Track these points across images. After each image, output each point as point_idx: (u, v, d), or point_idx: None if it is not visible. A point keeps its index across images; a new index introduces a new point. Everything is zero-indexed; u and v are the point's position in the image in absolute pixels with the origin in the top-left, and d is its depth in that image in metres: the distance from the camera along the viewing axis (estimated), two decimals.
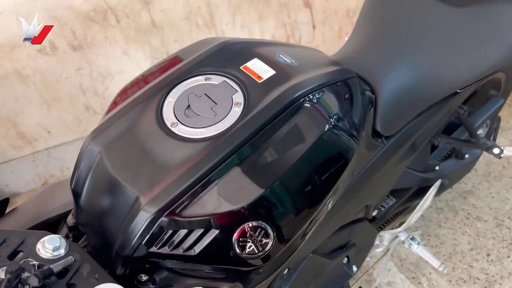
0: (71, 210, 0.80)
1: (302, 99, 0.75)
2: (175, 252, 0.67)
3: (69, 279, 0.64)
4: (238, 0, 2.00)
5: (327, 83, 0.79)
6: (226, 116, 0.73)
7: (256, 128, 0.71)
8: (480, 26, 1.01)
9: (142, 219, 0.65)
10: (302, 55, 0.88)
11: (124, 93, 0.85)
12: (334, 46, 2.06)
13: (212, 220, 0.67)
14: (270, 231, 0.69)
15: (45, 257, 0.66)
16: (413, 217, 1.29)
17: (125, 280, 0.70)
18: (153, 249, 0.67)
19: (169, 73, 0.82)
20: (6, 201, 0.92)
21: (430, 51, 1.00)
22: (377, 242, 1.28)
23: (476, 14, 1.01)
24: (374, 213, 1.17)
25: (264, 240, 0.69)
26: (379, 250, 1.32)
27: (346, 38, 1.16)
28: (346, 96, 0.83)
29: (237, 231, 0.67)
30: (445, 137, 1.22)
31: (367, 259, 1.32)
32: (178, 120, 0.73)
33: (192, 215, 0.66)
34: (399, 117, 1.00)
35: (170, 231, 0.66)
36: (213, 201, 0.67)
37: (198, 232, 0.67)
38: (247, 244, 0.68)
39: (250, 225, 0.68)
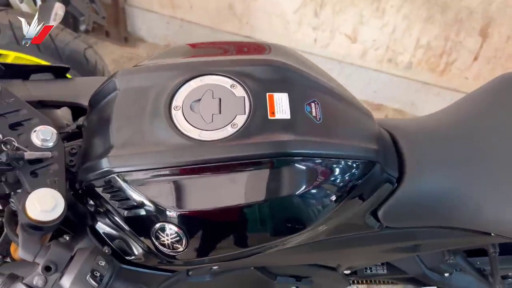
0: None
1: (291, 157, 0.74)
2: (112, 202, 0.77)
3: (35, 169, 0.77)
4: None
5: (327, 155, 0.76)
6: (217, 130, 0.75)
7: (231, 157, 0.73)
8: None
9: (101, 165, 0.75)
10: (340, 115, 0.84)
11: (184, 48, 0.92)
12: None
13: (147, 202, 0.74)
14: (184, 241, 0.76)
15: (33, 142, 0.79)
16: None
17: (78, 195, 0.83)
18: (100, 189, 0.78)
19: (216, 60, 0.85)
20: (67, 69, 1.07)
21: (490, 178, 0.88)
22: None
23: None
24: (346, 272, 1.16)
25: (176, 245, 0.76)
26: None
27: None
28: (346, 176, 0.80)
29: (159, 224, 0.75)
30: (462, 258, 1.11)
31: None
32: (182, 107, 0.77)
33: (135, 189, 0.74)
34: (408, 219, 0.94)
35: (116, 188, 0.75)
36: (156, 190, 0.74)
37: (132, 202, 0.75)
38: (161, 238, 0.76)
39: (171, 227, 0.75)
